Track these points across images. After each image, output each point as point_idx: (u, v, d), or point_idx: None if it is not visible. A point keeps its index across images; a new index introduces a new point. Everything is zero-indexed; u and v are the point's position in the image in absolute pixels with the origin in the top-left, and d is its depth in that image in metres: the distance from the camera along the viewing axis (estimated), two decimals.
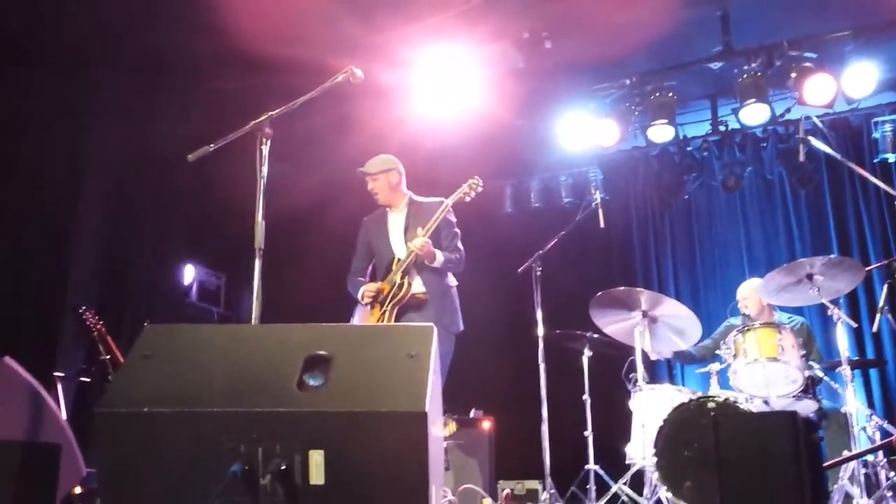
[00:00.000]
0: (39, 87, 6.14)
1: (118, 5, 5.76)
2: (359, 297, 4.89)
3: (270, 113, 3.58)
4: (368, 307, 4.85)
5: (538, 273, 5.60)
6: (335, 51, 5.86)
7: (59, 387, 5.12)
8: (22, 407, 3.25)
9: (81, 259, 6.33)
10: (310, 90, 3.77)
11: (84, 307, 4.76)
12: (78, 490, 3.82)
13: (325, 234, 6.89)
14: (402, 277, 4.74)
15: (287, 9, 5.66)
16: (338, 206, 5.94)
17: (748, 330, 4.99)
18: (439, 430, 2.66)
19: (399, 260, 4.81)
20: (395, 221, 4.97)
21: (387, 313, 4.73)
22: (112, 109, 6.55)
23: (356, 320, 4.92)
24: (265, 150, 3.53)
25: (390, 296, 4.75)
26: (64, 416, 3.75)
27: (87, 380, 5.48)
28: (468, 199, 4.87)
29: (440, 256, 4.77)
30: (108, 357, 4.57)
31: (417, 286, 4.79)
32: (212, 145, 3.56)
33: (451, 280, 4.93)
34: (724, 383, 5.13)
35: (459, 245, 4.94)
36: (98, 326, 4.69)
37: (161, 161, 6.53)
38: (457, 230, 4.97)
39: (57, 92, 6.18)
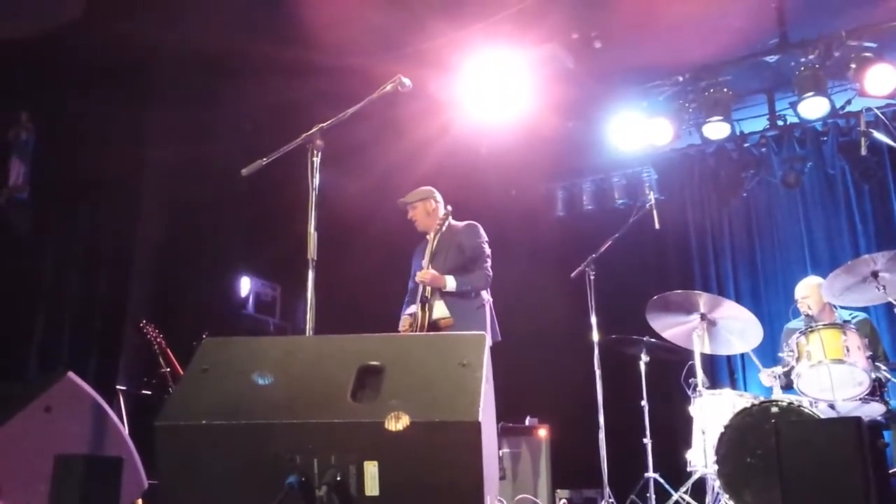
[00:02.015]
0: (96, 104, 6.30)
1: (172, 20, 5.88)
2: (400, 330, 5.01)
3: (321, 125, 3.60)
4: None
5: (592, 277, 5.53)
6: (384, 58, 5.91)
7: (122, 400, 5.25)
8: (86, 421, 3.33)
9: (141, 274, 6.48)
10: (359, 97, 3.78)
11: (145, 321, 4.86)
12: (140, 502, 3.89)
13: (375, 240, 6.92)
14: (421, 303, 4.82)
15: (338, 18, 5.71)
16: (386, 211, 5.95)
17: (811, 331, 4.85)
18: (494, 439, 2.63)
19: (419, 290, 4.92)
20: (429, 248, 5.03)
21: None
22: (168, 123, 6.68)
23: None
24: (316, 161, 3.55)
25: (416, 326, 4.83)
26: (126, 429, 3.82)
27: (148, 392, 5.60)
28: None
29: (451, 281, 4.81)
30: (168, 370, 4.66)
31: (440, 311, 4.84)
32: (264, 159, 3.59)
33: (481, 297, 4.92)
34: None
35: (487, 265, 4.95)
36: (158, 340, 4.78)
37: (216, 174, 6.64)
38: (484, 249, 4.98)
39: (114, 108, 6.33)
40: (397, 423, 2.30)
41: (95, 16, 5.81)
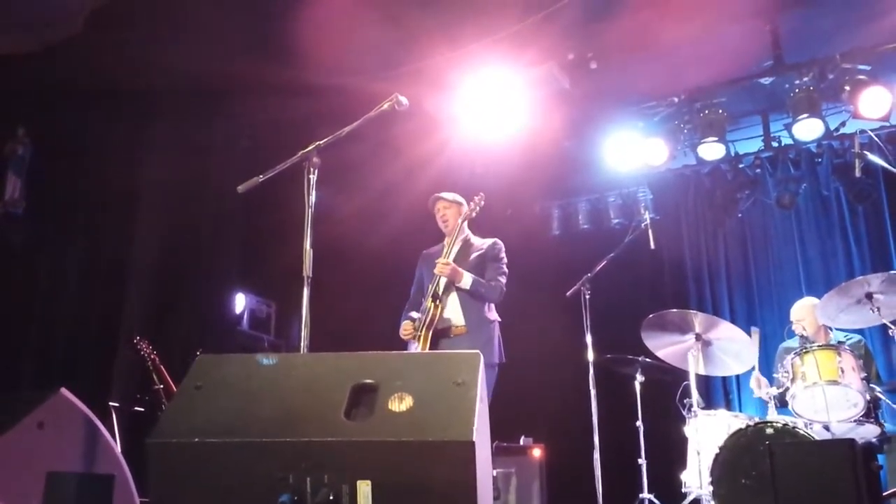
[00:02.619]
0: (93, 120, 6.32)
1: (170, 39, 5.91)
2: (401, 334, 4.93)
3: (318, 143, 3.61)
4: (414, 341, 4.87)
5: (587, 296, 5.54)
6: (381, 76, 5.94)
7: (114, 416, 5.22)
8: (78, 437, 3.31)
9: (135, 290, 6.46)
10: (356, 115, 3.80)
11: (138, 337, 4.85)
12: None
13: (370, 258, 6.92)
14: (432, 301, 4.75)
15: (335, 37, 5.74)
16: (382, 229, 5.98)
17: (806, 352, 4.84)
18: (488, 459, 2.62)
19: (430, 287, 4.85)
20: (447, 250, 5.00)
21: (421, 338, 4.72)
22: (164, 142, 6.70)
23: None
24: (313, 178, 3.56)
25: (425, 321, 4.75)
26: (118, 446, 3.80)
27: (142, 409, 5.57)
28: (474, 214, 4.98)
29: (468, 278, 4.77)
30: (161, 386, 4.64)
31: (457, 318, 4.80)
32: (261, 176, 3.60)
33: (493, 315, 4.91)
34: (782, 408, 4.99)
35: (502, 279, 4.93)
36: (152, 356, 4.77)
37: (212, 191, 6.65)
38: (503, 266, 4.98)
39: (110, 124, 6.35)
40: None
41: (93, 33, 5.83)
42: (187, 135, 6.70)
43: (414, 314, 4.89)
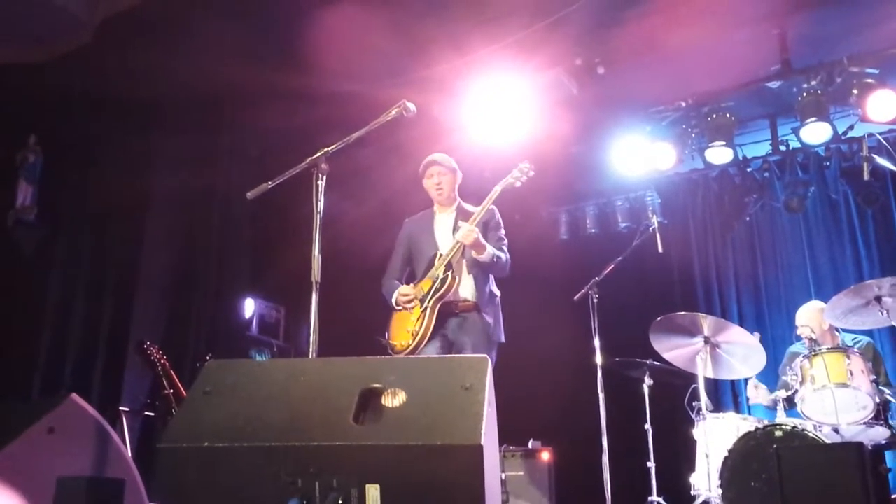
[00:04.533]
0: (104, 128, 6.37)
1: (179, 48, 5.95)
2: (393, 302, 4.65)
3: (326, 149, 3.63)
4: (404, 310, 4.60)
5: (595, 300, 5.53)
6: (389, 83, 5.96)
7: (125, 421, 5.25)
8: (88, 443, 3.33)
9: (145, 295, 6.50)
10: (364, 122, 3.82)
11: (148, 342, 4.87)
12: None
13: (378, 263, 6.93)
14: (446, 272, 4.47)
15: (342, 45, 5.77)
16: (390, 234, 5.98)
17: (815, 355, 4.83)
18: (496, 463, 2.63)
19: (441, 255, 4.57)
20: (443, 221, 4.82)
21: (428, 310, 4.44)
22: (173, 148, 6.74)
23: (393, 325, 4.66)
24: (321, 185, 3.58)
25: (432, 291, 4.47)
26: (129, 450, 3.82)
27: (152, 414, 5.60)
28: (518, 184, 4.68)
29: (490, 249, 4.50)
30: (171, 391, 4.65)
31: (467, 291, 4.56)
32: (270, 183, 3.63)
33: (496, 289, 4.71)
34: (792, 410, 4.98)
35: (506, 248, 4.71)
36: (162, 361, 4.78)
37: (222, 197, 6.69)
38: (503, 234, 4.77)
39: (121, 132, 6.40)
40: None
41: (103, 42, 5.89)
42: (196, 142, 6.75)
43: (405, 288, 4.62)
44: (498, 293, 4.73)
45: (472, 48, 6.22)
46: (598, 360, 5.42)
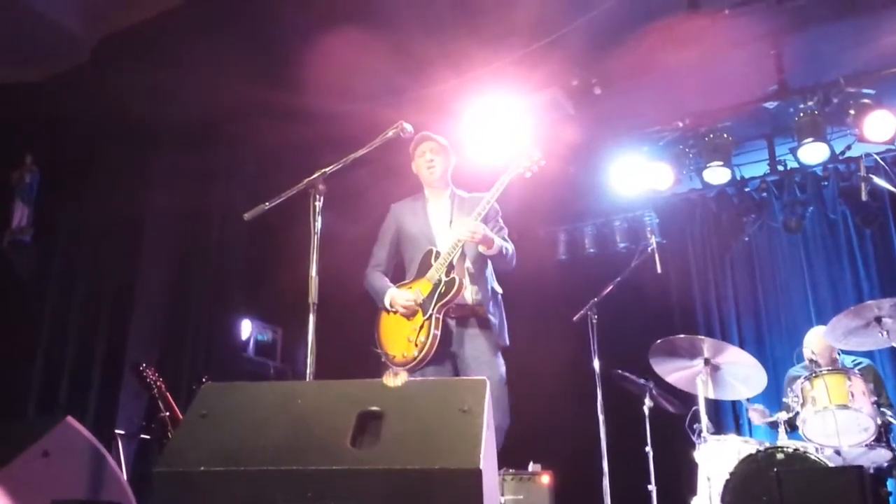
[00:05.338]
0: (100, 147, 6.37)
1: (176, 66, 5.95)
2: (385, 303, 4.18)
3: (323, 170, 3.61)
4: (396, 314, 4.14)
5: (594, 321, 5.50)
6: (386, 103, 5.96)
7: (120, 444, 5.19)
8: (84, 466, 3.30)
9: (141, 317, 6.47)
10: (361, 142, 3.80)
11: (144, 364, 4.83)
12: None
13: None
14: (449, 274, 4.00)
15: (339, 64, 5.78)
16: None
17: (816, 377, 4.81)
18: (496, 486, 2.60)
19: (439, 253, 4.09)
20: (437, 209, 4.33)
21: (433, 318, 3.96)
22: (170, 168, 6.74)
23: (385, 331, 4.22)
24: (318, 205, 3.56)
25: (435, 296, 3.99)
26: (124, 474, 3.77)
27: (147, 437, 5.54)
28: (529, 174, 4.19)
29: (497, 241, 4.06)
30: (167, 414, 4.61)
31: (470, 293, 4.09)
32: (267, 203, 3.60)
33: (498, 286, 4.28)
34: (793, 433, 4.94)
35: (508, 238, 4.28)
36: (158, 383, 4.74)
37: (218, 217, 6.67)
38: (503, 223, 4.34)
39: (117, 152, 6.40)
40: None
41: (100, 61, 5.89)
42: (193, 162, 6.74)
43: (406, 294, 4.09)
44: (500, 290, 4.31)
45: (470, 68, 6.24)
46: (598, 381, 5.39)
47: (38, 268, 6.44)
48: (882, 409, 4.85)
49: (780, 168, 7.15)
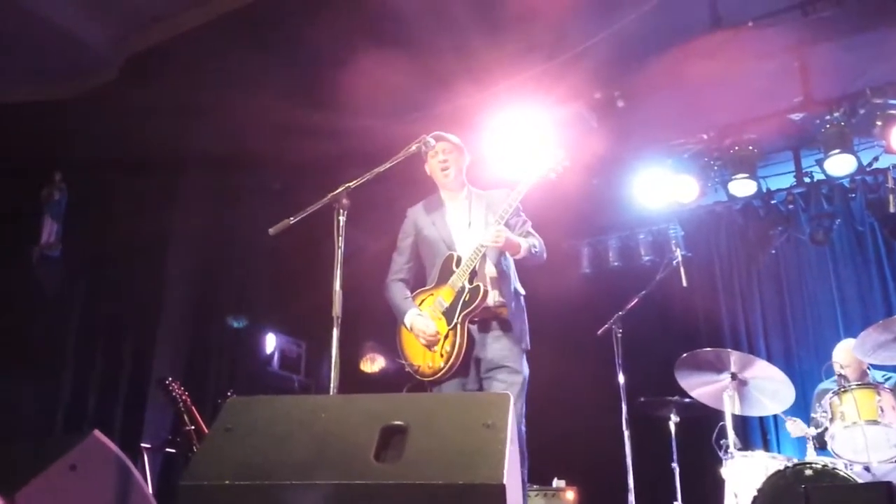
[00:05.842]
0: (127, 169, 6.45)
1: (203, 84, 6.02)
2: (406, 325, 4.07)
3: (347, 184, 3.63)
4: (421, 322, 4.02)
5: (619, 335, 5.46)
6: (409, 118, 5.99)
7: (146, 458, 5.23)
8: (110, 479, 3.32)
9: (167, 332, 6.53)
10: (385, 157, 3.82)
11: (170, 378, 4.86)
12: None
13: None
14: (473, 281, 3.91)
15: (364, 80, 5.82)
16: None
17: (845, 391, 4.73)
18: (519, 501, 2.58)
19: (461, 259, 3.99)
20: (455, 210, 4.24)
21: (458, 327, 3.88)
22: (196, 184, 6.81)
23: (408, 343, 4.12)
24: (342, 220, 3.58)
25: (459, 305, 3.90)
26: (150, 487, 3.80)
27: (173, 450, 5.58)
28: (554, 175, 4.09)
29: (523, 243, 3.99)
30: (192, 428, 4.63)
31: (493, 297, 3.96)
32: (291, 219, 3.62)
33: (520, 287, 4.18)
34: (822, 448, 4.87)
35: (533, 230, 4.20)
36: (184, 397, 4.77)
37: (243, 233, 6.72)
38: (526, 217, 4.25)
39: (145, 169, 6.47)
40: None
41: (127, 80, 5.98)
42: (219, 179, 6.81)
43: (418, 318, 3.99)
44: (523, 291, 4.20)
45: (493, 82, 6.25)
46: (623, 396, 5.34)
47: (67, 283, 6.53)
48: None
49: (807, 180, 7.07)
